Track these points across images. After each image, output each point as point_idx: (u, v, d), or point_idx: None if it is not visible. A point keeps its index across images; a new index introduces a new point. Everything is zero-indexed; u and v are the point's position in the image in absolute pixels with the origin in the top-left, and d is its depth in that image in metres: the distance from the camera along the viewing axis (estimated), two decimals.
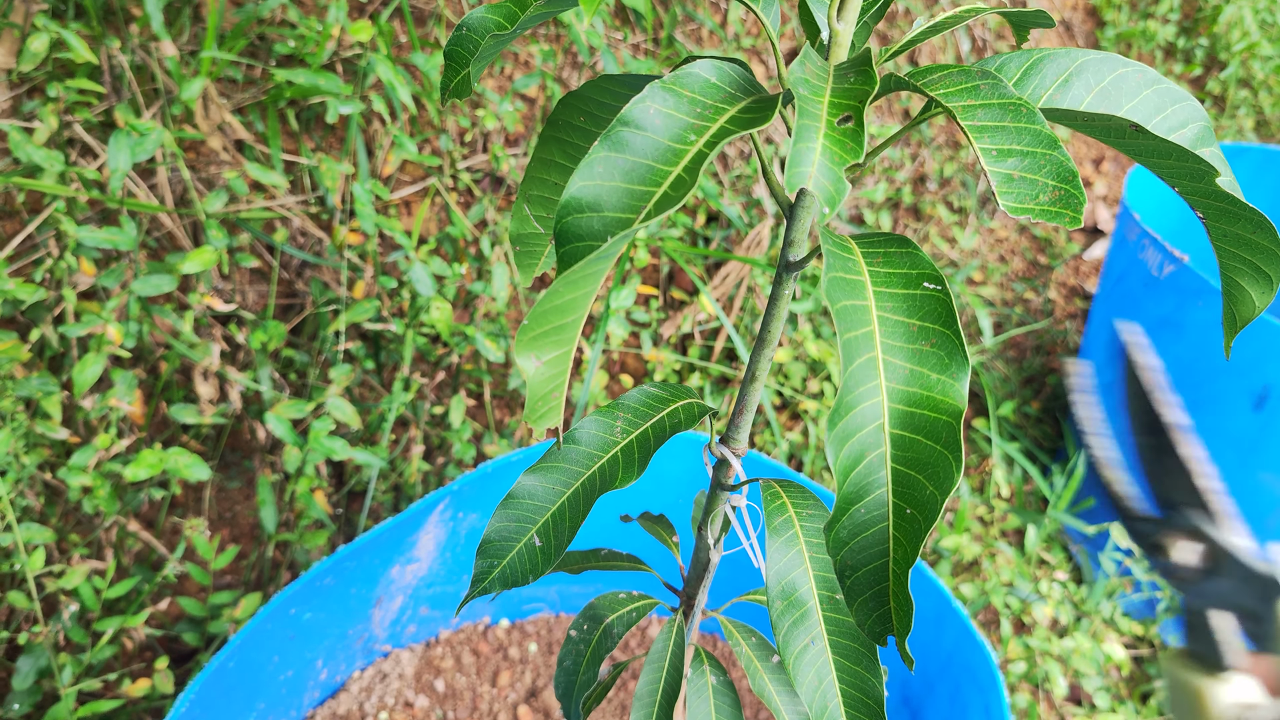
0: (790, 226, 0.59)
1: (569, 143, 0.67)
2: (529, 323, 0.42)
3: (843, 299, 0.47)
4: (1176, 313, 1.78)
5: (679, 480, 1.37)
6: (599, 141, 0.45)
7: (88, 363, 1.30)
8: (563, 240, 0.45)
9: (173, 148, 1.44)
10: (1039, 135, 0.49)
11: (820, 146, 0.45)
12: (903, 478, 0.45)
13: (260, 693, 1.23)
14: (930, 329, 0.47)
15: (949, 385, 0.46)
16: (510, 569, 0.58)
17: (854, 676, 0.58)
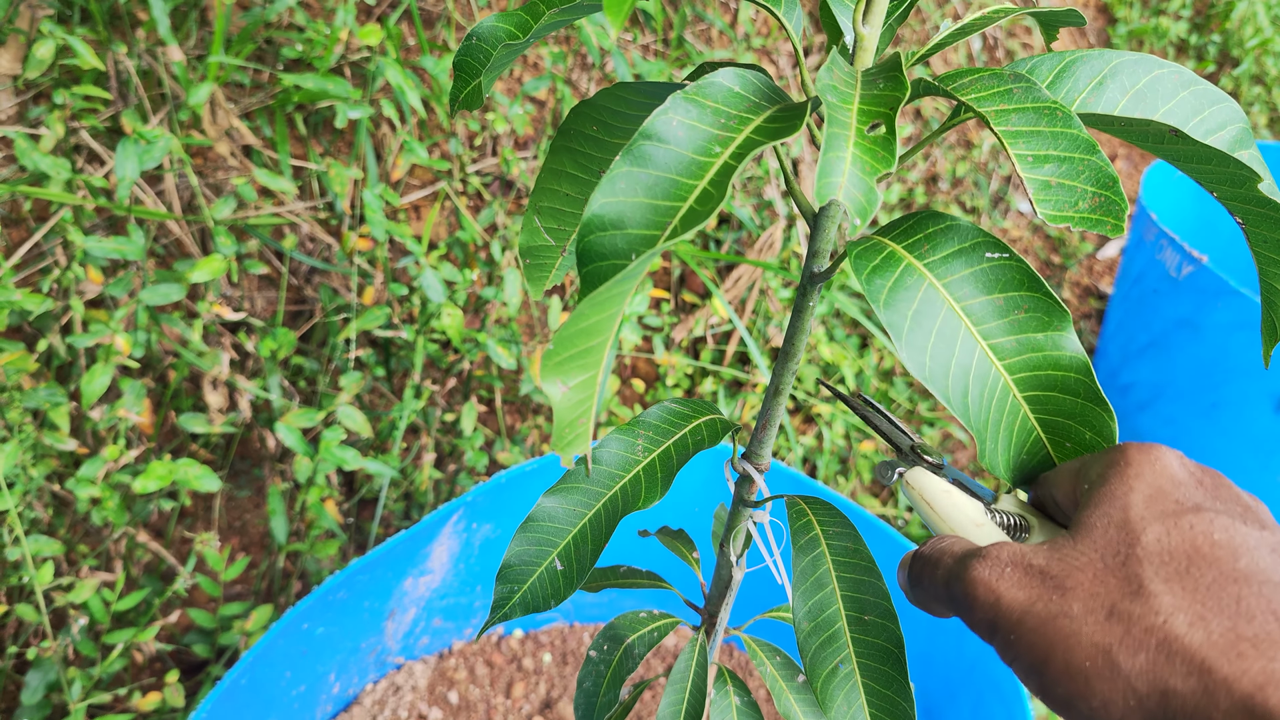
0: (814, 237, 0.57)
1: (581, 153, 0.66)
2: (555, 347, 0.40)
3: (903, 309, 0.47)
4: (1195, 314, 1.76)
5: (697, 493, 1.36)
6: (621, 156, 0.43)
7: (96, 373, 1.29)
8: (585, 260, 0.43)
9: (180, 154, 1.42)
10: (1076, 140, 0.47)
11: (851, 156, 0.43)
12: (1053, 425, 0.49)
13: (272, 708, 1.21)
14: (1016, 298, 0.49)
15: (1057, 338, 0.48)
16: (531, 594, 0.56)
17: (884, 700, 0.57)
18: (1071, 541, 0.41)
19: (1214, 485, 0.42)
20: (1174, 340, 1.83)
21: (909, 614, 1.26)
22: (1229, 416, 1.74)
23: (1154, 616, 0.36)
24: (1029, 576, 0.40)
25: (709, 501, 1.18)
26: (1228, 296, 1.68)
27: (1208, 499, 0.41)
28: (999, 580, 0.40)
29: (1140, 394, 1.92)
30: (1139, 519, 0.39)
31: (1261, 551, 0.37)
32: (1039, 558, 0.40)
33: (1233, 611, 0.35)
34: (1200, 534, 0.38)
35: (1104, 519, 0.40)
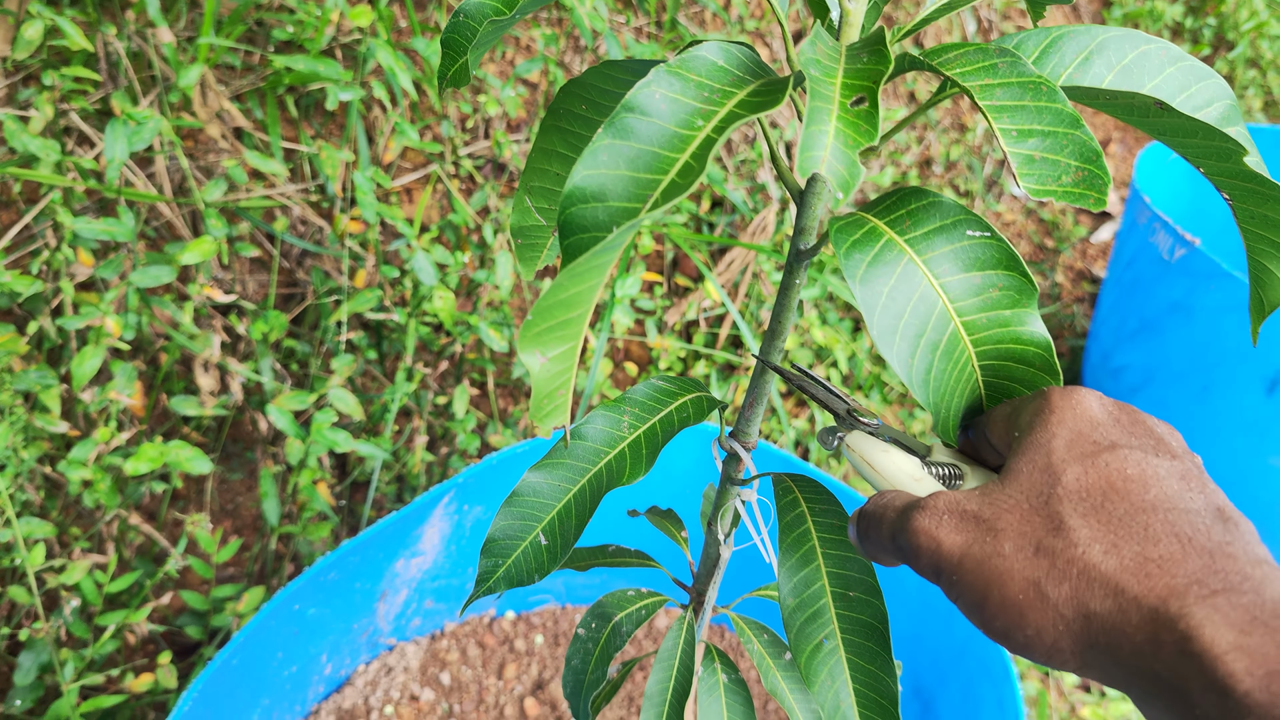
0: (801, 214, 0.57)
1: (571, 132, 0.65)
2: (533, 318, 0.40)
3: (878, 284, 0.47)
4: (1188, 297, 1.76)
5: (687, 472, 1.36)
6: (603, 129, 0.43)
7: (86, 355, 1.29)
8: (567, 232, 0.43)
9: (170, 136, 1.42)
10: (1060, 114, 0.47)
11: (833, 129, 0.43)
12: (995, 386, 0.50)
13: (264, 688, 1.21)
14: (992, 276, 0.48)
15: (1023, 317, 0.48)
16: (516, 568, 0.56)
17: (868, 675, 0.57)
18: (1001, 486, 0.44)
19: (1130, 422, 0.45)
20: (1166, 323, 1.83)
21: (898, 596, 1.26)
22: (1221, 399, 1.75)
23: (1074, 549, 0.39)
24: (964, 522, 0.43)
25: (698, 482, 1.18)
26: (1220, 279, 1.68)
27: (1123, 436, 0.44)
28: (938, 528, 0.43)
29: (1132, 377, 1.93)
30: (1060, 461, 0.42)
31: (1170, 480, 0.41)
32: (972, 503, 0.43)
33: (1141, 537, 0.38)
34: (1114, 470, 0.41)
35: (1029, 464, 0.43)
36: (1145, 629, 0.36)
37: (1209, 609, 0.35)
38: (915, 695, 1.32)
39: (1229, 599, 0.35)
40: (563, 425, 0.45)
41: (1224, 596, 0.35)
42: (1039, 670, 1.74)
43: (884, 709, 0.55)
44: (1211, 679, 0.34)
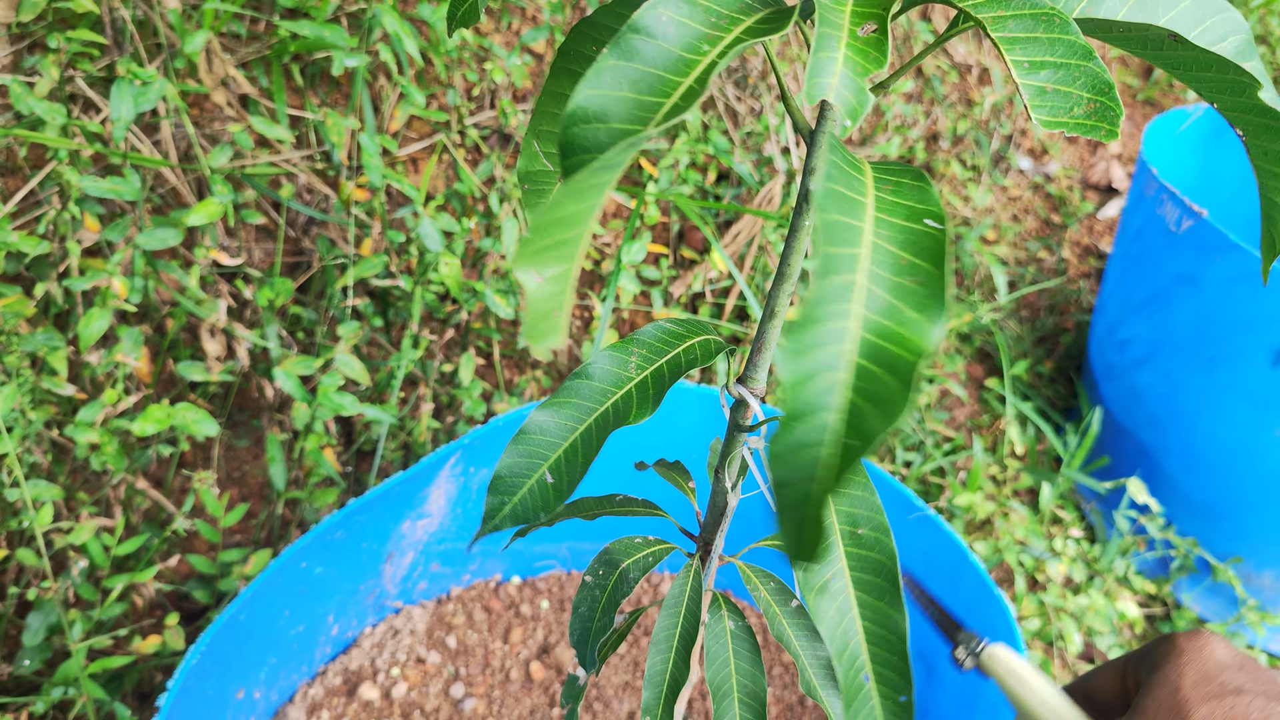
0: (811, 153, 0.57)
1: (580, 74, 0.65)
2: (530, 235, 0.40)
3: (834, 213, 0.45)
4: (1195, 268, 1.76)
5: (692, 434, 1.36)
6: (607, 49, 0.43)
7: (93, 317, 1.29)
8: (567, 153, 0.43)
9: (176, 101, 1.41)
10: (1073, 46, 0.46)
11: (842, 56, 0.43)
12: (856, 408, 0.43)
13: (271, 647, 1.22)
14: (920, 266, 0.45)
15: (923, 326, 0.44)
16: (522, 505, 0.56)
17: (876, 612, 0.57)
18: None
19: (1254, 669, 0.48)
20: (1173, 295, 1.83)
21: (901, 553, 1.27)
22: (1227, 371, 1.74)
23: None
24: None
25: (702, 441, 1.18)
26: (1227, 250, 1.68)
27: (1249, 682, 0.47)
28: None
29: (1138, 349, 1.92)
30: (1187, 700, 0.46)
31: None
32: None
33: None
34: (1239, 713, 0.44)
35: (1157, 703, 0.47)
36: None
37: None
38: (919, 658, 1.33)
39: None
40: (556, 347, 0.45)
41: None
42: (1043, 639, 1.75)
43: (893, 645, 0.55)
44: None
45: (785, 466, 0.43)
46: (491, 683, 1.40)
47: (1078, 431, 2.09)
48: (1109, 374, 2.03)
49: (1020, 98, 0.46)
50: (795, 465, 0.43)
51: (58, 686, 1.27)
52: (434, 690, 1.37)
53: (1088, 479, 2.00)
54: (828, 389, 0.42)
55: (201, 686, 1.06)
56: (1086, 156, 2.77)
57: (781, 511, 0.43)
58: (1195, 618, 1.91)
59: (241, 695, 1.19)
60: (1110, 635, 1.78)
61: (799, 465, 0.43)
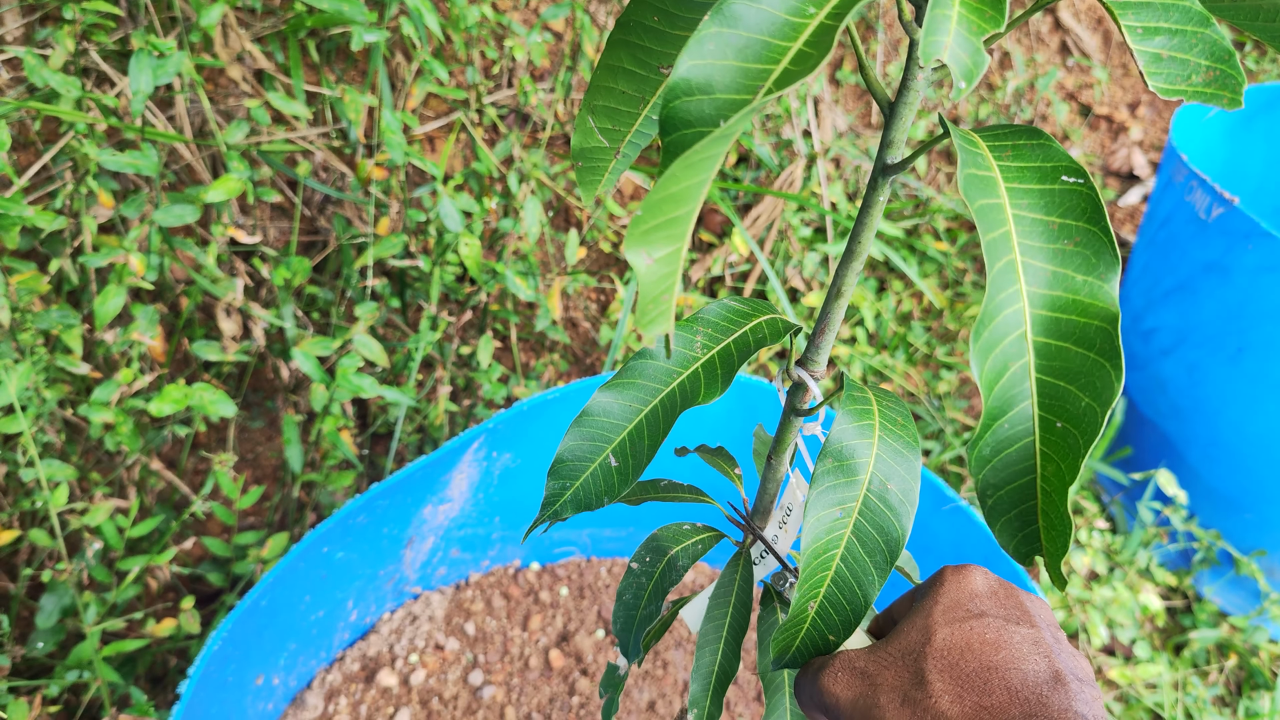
0: (890, 125, 0.54)
1: (640, 46, 0.62)
2: (643, 213, 0.37)
3: (980, 197, 0.43)
4: (1225, 256, 1.73)
5: (722, 420, 1.34)
6: (709, 16, 0.40)
7: (109, 294, 1.26)
8: (670, 128, 0.40)
9: (192, 75, 1.38)
10: (1189, 12, 0.44)
11: (957, 14, 0.40)
12: (1050, 389, 0.41)
13: (291, 632, 1.20)
14: (1073, 226, 0.42)
15: (1097, 287, 0.41)
16: (584, 490, 0.54)
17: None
18: (885, 643, 0.52)
19: (1005, 596, 0.52)
20: (1201, 284, 1.80)
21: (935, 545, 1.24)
22: (1255, 361, 1.72)
23: (929, 699, 0.47)
24: (853, 677, 0.51)
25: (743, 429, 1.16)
26: (1258, 239, 1.65)
27: (994, 607, 0.51)
28: (834, 684, 0.51)
29: (1164, 339, 1.90)
30: (935, 624, 0.50)
31: (1021, 645, 0.48)
32: (861, 660, 0.51)
33: (981, 690, 0.46)
34: (975, 634, 0.48)
35: (910, 625, 0.51)
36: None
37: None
38: None
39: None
40: (667, 332, 0.42)
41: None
42: (1067, 631, 1.72)
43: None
44: None
45: (991, 468, 0.41)
46: (510, 670, 1.37)
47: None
48: (1133, 363, 2.00)
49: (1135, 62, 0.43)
50: (1003, 464, 0.40)
51: (71, 669, 1.25)
52: (452, 677, 1.35)
53: (1111, 470, 1.97)
54: (1020, 377, 0.40)
55: (222, 673, 1.04)
56: (1108, 143, 2.74)
57: (992, 515, 0.41)
58: (1216, 610, 1.89)
59: (260, 681, 1.17)
60: (1133, 628, 1.76)
61: (1007, 463, 0.40)
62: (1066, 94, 2.73)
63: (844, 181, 2.21)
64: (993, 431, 0.40)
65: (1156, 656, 1.74)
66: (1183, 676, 1.73)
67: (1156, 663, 1.72)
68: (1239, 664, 1.79)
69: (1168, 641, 1.81)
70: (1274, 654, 1.80)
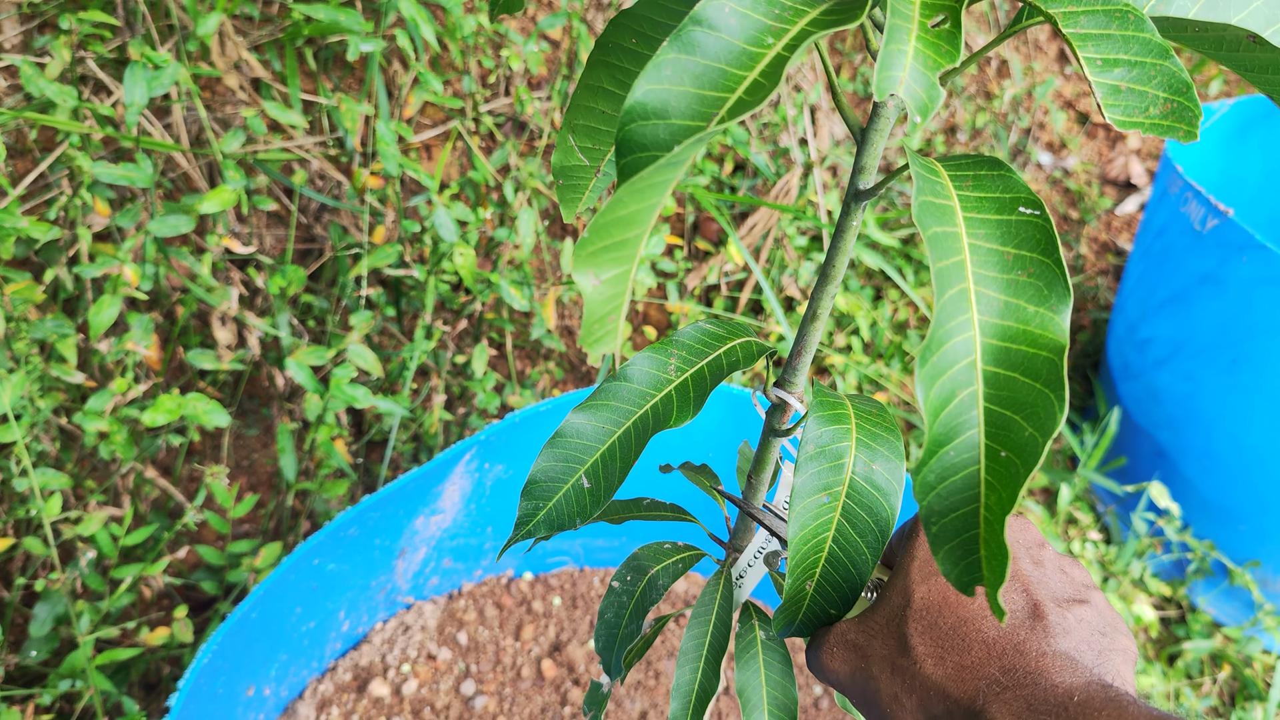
0: (861, 152, 0.55)
1: (619, 67, 0.63)
2: (589, 235, 0.38)
3: (933, 225, 0.43)
4: (1219, 268, 1.73)
5: (711, 433, 1.34)
6: (668, 42, 0.41)
7: (104, 304, 1.27)
8: (625, 150, 0.41)
9: (188, 84, 1.39)
10: (1148, 44, 0.44)
11: (912, 49, 0.41)
12: (997, 418, 0.41)
13: (282, 643, 1.20)
14: (1027, 257, 0.43)
15: (1048, 318, 0.41)
16: (557, 511, 0.54)
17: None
18: (873, 611, 0.51)
19: None
20: (1195, 295, 1.80)
21: None
22: (1249, 373, 1.72)
23: (914, 664, 0.46)
24: (847, 651, 0.51)
25: (728, 443, 1.16)
26: (1253, 250, 1.65)
27: None
28: (829, 658, 0.51)
29: (1159, 349, 1.90)
30: (912, 584, 0.49)
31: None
32: (852, 632, 0.51)
33: (959, 647, 0.45)
34: (948, 587, 0.47)
35: (892, 588, 0.50)
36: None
37: (1000, 704, 0.42)
38: None
39: (1014, 693, 0.42)
40: (611, 352, 0.43)
41: (1011, 692, 0.43)
42: None
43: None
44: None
45: (936, 495, 0.41)
46: (502, 680, 1.38)
47: (1095, 431, 2.06)
48: (1127, 373, 2.01)
49: (1093, 94, 0.44)
50: (947, 492, 0.41)
51: (65, 678, 1.26)
52: (444, 687, 1.35)
53: (1105, 480, 1.98)
54: (968, 405, 0.40)
55: (213, 684, 1.04)
56: (1105, 151, 2.74)
57: (936, 543, 0.41)
58: (1210, 621, 1.89)
59: (252, 692, 1.18)
60: None
61: (951, 490, 0.41)
62: (1064, 102, 2.74)
63: (840, 190, 2.21)
64: (938, 458, 0.41)
65: (1150, 667, 1.74)
66: (1176, 687, 1.73)
67: (1150, 673, 1.72)
68: (1232, 674, 1.79)
69: (1161, 652, 1.81)
70: (1268, 665, 1.80)
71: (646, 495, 0.76)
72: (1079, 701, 0.40)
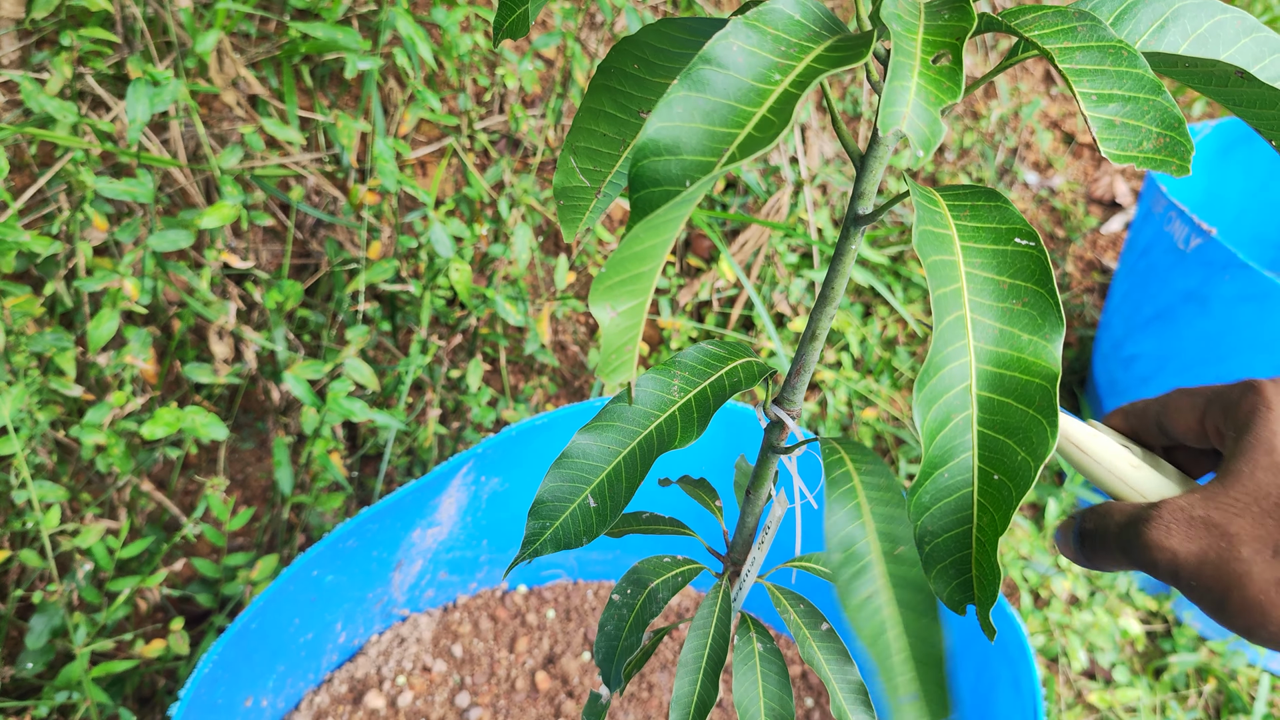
0: (860, 178, 0.57)
1: (621, 91, 0.65)
2: (606, 271, 0.40)
3: (933, 253, 0.45)
4: (1203, 286, 1.76)
5: (710, 446, 1.35)
6: (679, 80, 0.43)
7: (103, 318, 1.28)
8: (638, 185, 0.42)
9: (187, 100, 1.40)
10: (1141, 80, 0.46)
11: (915, 85, 0.42)
12: (990, 442, 0.43)
13: (280, 655, 1.21)
14: (1022, 287, 0.45)
15: (1041, 347, 0.43)
16: (564, 530, 0.56)
17: (918, 629, 0.57)
18: (1227, 489, 0.45)
19: None
20: (1180, 313, 1.83)
21: None
22: None
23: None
24: (1195, 529, 0.44)
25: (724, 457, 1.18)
26: (1236, 269, 1.68)
27: None
28: (1170, 539, 0.45)
29: (1144, 367, 1.93)
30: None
31: None
32: (1200, 509, 0.45)
33: None
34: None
35: (1254, 465, 0.44)
36: None
37: None
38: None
39: None
40: (629, 380, 0.44)
41: None
42: (1046, 655, 1.75)
43: (934, 662, 0.55)
44: None
45: (930, 515, 0.43)
46: (497, 692, 1.39)
47: None
48: (1113, 390, 2.03)
49: (1089, 129, 0.46)
50: (943, 512, 0.43)
51: (60, 690, 1.26)
52: (439, 699, 1.36)
53: (1092, 494, 2.00)
54: (963, 429, 0.42)
55: (211, 695, 1.05)
56: (1091, 171, 2.78)
57: (929, 562, 0.43)
58: (1196, 635, 1.91)
59: (249, 703, 1.18)
60: (1113, 652, 1.78)
61: (945, 511, 0.43)
62: (1050, 122, 2.77)
63: (830, 208, 2.23)
64: (933, 480, 0.43)
65: (1136, 680, 1.76)
66: (1162, 700, 1.75)
67: (1136, 687, 1.74)
68: (1217, 688, 1.81)
69: (1147, 666, 1.83)
70: (1252, 678, 1.82)
71: (645, 509, 0.78)
72: None
